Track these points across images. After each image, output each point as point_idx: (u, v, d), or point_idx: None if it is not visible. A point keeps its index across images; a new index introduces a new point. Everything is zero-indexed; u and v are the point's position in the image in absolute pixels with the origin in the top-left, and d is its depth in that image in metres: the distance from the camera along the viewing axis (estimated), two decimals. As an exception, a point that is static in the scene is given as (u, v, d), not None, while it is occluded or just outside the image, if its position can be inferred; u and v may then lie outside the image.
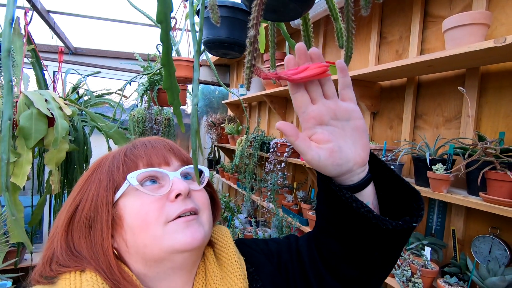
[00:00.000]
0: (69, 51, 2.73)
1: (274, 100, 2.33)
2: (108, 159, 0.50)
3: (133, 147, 0.51)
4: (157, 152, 0.50)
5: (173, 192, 0.45)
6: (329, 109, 0.39)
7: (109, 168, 0.48)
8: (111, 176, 0.47)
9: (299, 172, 2.20)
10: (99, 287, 0.39)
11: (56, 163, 1.55)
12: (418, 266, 1.04)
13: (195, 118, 0.27)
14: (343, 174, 0.40)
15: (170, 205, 0.45)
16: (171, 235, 0.43)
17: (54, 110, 1.47)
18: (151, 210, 0.44)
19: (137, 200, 0.45)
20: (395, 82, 1.47)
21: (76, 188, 0.49)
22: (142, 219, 0.43)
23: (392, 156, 1.21)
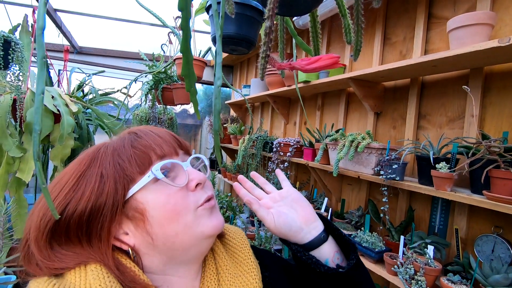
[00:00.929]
0: (75, 50, 2.75)
1: (277, 101, 2.34)
2: (107, 152, 0.46)
3: (137, 137, 0.47)
4: (166, 142, 0.48)
5: (193, 181, 0.46)
6: (270, 198, 0.56)
7: (114, 163, 0.44)
8: (122, 171, 0.43)
9: (302, 172, 2.20)
10: (103, 277, 0.39)
11: (61, 159, 1.57)
12: (421, 264, 1.04)
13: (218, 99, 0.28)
14: (297, 233, 0.50)
15: (193, 194, 0.46)
16: (200, 222, 0.45)
17: (61, 106, 1.48)
18: (178, 200, 0.44)
19: (160, 192, 0.44)
20: (398, 83, 1.48)
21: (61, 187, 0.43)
22: (171, 210, 0.43)
23: (395, 155, 1.21)
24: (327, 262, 0.50)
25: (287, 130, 2.43)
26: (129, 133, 0.49)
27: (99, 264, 0.41)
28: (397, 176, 1.18)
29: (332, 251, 0.51)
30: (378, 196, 1.54)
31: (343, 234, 0.53)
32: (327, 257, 0.50)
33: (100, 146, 0.47)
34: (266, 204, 0.54)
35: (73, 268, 0.41)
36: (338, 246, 0.53)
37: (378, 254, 1.24)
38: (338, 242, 0.53)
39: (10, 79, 1.31)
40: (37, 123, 0.26)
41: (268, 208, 0.53)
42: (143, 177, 0.44)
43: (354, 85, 1.47)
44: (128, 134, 0.49)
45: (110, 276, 0.40)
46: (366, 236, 1.31)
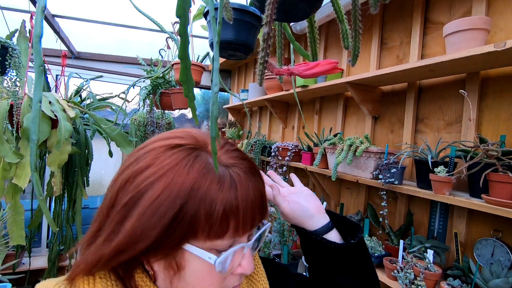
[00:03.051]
0: (72, 55, 2.75)
1: (275, 105, 2.35)
2: (206, 190, 0.36)
3: (235, 197, 0.37)
4: (251, 211, 0.39)
5: (238, 270, 0.41)
6: (286, 191, 0.62)
7: (201, 208, 0.36)
8: (196, 222, 0.36)
9: (300, 176, 2.19)
10: (111, 284, 0.39)
11: (58, 164, 1.55)
12: (421, 268, 1.04)
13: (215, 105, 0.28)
14: (309, 219, 0.56)
15: (230, 277, 0.41)
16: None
17: (58, 112, 1.48)
18: (215, 282, 0.40)
19: (206, 265, 0.38)
20: (396, 87, 1.49)
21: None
22: (202, 286, 0.40)
23: (394, 159, 1.22)
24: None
25: (285, 134, 2.43)
26: (228, 174, 0.39)
27: (107, 271, 0.40)
28: (396, 180, 1.18)
29: (338, 237, 0.57)
30: (377, 200, 1.54)
31: (347, 218, 0.60)
32: (335, 241, 0.55)
33: (209, 173, 0.37)
34: (282, 193, 0.60)
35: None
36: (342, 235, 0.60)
37: (377, 258, 1.24)
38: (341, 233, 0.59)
39: (7, 84, 1.30)
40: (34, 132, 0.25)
41: (284, 197, 0.58)
42: (205, 244, 0.37)
43: (352, 89, 1.48)
44: (226, 173, 0.38)
45: (118, 282, 0.40)
46: (365, 240, 1.30)
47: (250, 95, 2.51)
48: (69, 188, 2.00)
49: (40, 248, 2.62)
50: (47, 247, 2.56)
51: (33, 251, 2.37)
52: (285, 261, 1.76)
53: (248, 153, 2.31)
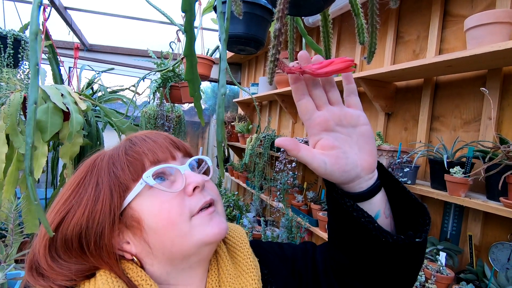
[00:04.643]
0: (85, 48, 2.78)
1: (285, 99, 2.31)
2: (103, 161, 0.45)
3: (132, 144, 0.46)
4: (160, 147, 0.46)
5: (190, 185, 0.43)
6: (334, 115, 0.39)
7: (109, 170, 0.44)
8: (116, 179, 0.43)
9: (309, 172, 2.18)
10: (112, 281, 0.39)
11: (70, 156, 1.58)
12: (433, 271, 1.01)
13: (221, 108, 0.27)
14: (351, 181, 0.39)
15: (190, 199, 0.43)
16: (198, 229, 0.42)
17: (70, 104, 1.49)
18: (172, 207, 0.42)
19: (155, 199, 0.42)
20: (411, 83, 1.44)
21: (60, 197, 0.43)
22: (165, 218, 0.41)
23: (407, 158, 1.18)
24: (378, 216, 0.40)
25: (295, 129, 2.40)
26: (125, 141, 0.48)
27: (107, 270, 0.41)
28: (409, 180, 1.14)
29: (384, 201, 0.41)
30: (388, 199, 1.50)
31: (403, 185, 0.43)
32: (379, 209, 0.40)
33: (97, 155, 0.47)
34: (323, 122, 0.38)
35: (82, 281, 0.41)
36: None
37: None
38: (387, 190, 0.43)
39: (20, 77, 1.32)
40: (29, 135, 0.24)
41: (325, 129, 0.38)
42: (136, 184, 0.42)
43: (365, 85, 1.44)
44: (124, 142, 0.48)
45: (119, 280, 0.40)
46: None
47: (260, 89, 2.48)
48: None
49: (54, 236, 2.69)
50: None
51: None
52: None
53: (257, 147, 2.30)
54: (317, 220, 1.70)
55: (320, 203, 1.81)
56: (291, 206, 1.92)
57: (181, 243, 0.42)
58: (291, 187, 1.95)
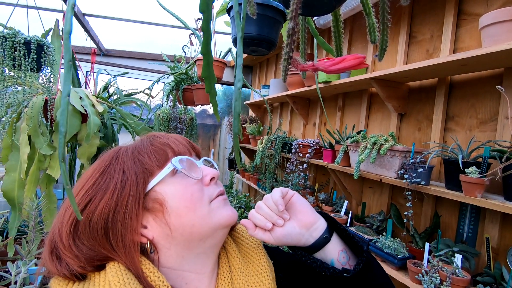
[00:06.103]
0: (101, 53, 2.87)
1: (296, 101, 2.32)
2: (127, 151, 0.49)
3: (156, 137, 0.51)
4: (181, 143, 0.52)
5: (207, 176, 0.49)
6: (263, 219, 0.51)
7: (134, 159, 0.47)
8: (142, 166, 0.46)
9: (321, 173, 2.17)
10: (121, 273, 0.40)
11: (87, 157, 1.63)
12: (448, 273, 0.99)
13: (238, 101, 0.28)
14: (298, 239, 0.50)
15: (207, 188, 0.49)
16: (216, 212, 0.47)
17: (88, 107, 1.55)
18: (195, 192, 0.47)
19: (178, 184, 0.47)
20: (424, 83, 1.42)
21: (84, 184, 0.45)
22: (189, 200, 0.46)
23: (421, 158, 1.16)
24: (332, 263, 0.49)
25: (306, 131, 2.40)
26: (147, 136, 0.53)
27: (117, 262, 0.42)
28: (422, 180, 1.13)
29: (336, 250, 0.50)
30: (401, 200, 1.48)
31: (347, 231, 0.51)
32: (332, 257, 0.49)
33: (120, 147, 0.51)
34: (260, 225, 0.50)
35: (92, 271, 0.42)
36: (346, 243, 0.51)
37: (401, 261, 1.20)
38: (346, 239, 0.51)
39: (42, 80, 1.38)
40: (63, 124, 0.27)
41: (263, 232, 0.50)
42: (161, 170, 0.47)
43: (377, 85, 1.43)
44: (146, 137, 0.53)
45: (128, 273, 0.41)
46: (388, 241, 1.27)
47: (271, 91, 2.50)
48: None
49: (70, 235, 2.77)
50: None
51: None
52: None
53: (268, 149, 2.31)
54: (329, 221, 1.69)
55: (331, 205, 1.80)
56: (303, 208, 1.91)
57: (200, 225, 0.45)
58: (302, 188, 1.95)
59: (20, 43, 1.10)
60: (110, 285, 0.39)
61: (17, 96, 1.30)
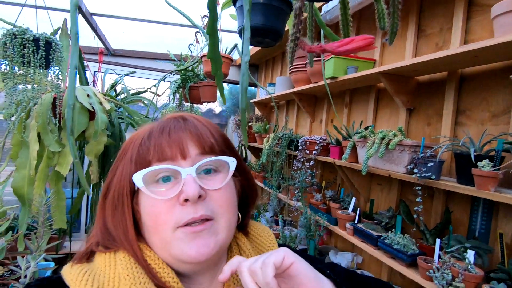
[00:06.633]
0: (108, 52, 2.90)
1: (303, 98, 2.30)
2: (132, 142, 0.46)
3: (148, 136, 0.45)
4: (173, 142, 0.43)
5: (181, 195, 0.41)
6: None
7: (126, 159, 0.45)
8: (129, 168, 0.44)
9: (328, 171, 2.15)
10: (131, 267, 0.39)
11: (95, 154, 1.65)
12: (460, 269, 0.97)
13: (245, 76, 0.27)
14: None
15: (180, 209, 0.41)
16: (177, 244, 0.40)
17: (95, 104, 1.56)
18: (161, 212, 0.41)
19: (148, 199, 0.42)
20: (434, 76, 1.39)
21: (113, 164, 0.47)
22: (153, 221, 0.42)
23: (431, 152, 1.14)
24: None
25: (312, 128, 2.38)
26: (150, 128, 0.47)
27: (127, 254, 0.41)
28: (433, 175, 1.11)
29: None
30: (411, 196, 1.46)
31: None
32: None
33: (135, 134, 0.48)
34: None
35: (104, 253, 0.42)
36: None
37: (410, 257, 1.17)
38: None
39: (50, 78, 1.40)
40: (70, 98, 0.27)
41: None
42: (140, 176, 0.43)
43: (385, 80, 1.41)
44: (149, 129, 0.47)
45: (138, 267, 0.40)
46: (397, 238, 1.24)
47: (277, 88, 2.49)
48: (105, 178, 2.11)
49: (79, 233, 2.81)
50: (85, 233, 2.75)
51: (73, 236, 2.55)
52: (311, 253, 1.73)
53: (275, 147, 2.30)
54: (336, 218, 1.68)
55: (339, 202, 1.78)
56: (310, 205, 1.90)
57: (162, 250, 0.42)
58: (309, 185, 1.93)
59: (29, 40, 1.11)
60: (120, 278, 0.38)
61: (26, 94, 1.31)
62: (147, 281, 0.38)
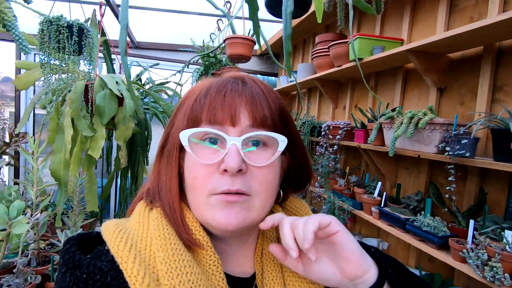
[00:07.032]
0: (133, 45, 2.99)
1: (325, 84, 2.26)
2: (189, 96, 0.46)
3: (205, 93, 0.43)
4: (226, 106, 0.41)
5: (222, 164, 0.40)
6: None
7: (182, 112, 0.45)
8: (181, 122, 0.44)
9: (352, 157, 2.11)
10: (163, 228, 0.40)
11: (124, 139, 1.72)
12: (497, 249, 0.92)
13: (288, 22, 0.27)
14: (336, 286, 0.42)
15: (218, 178, 0.40)
16: (209, 209, 0.41)
17: (123, 91, 1.62)
18: (200, 175, 0.41)
19: (192, 158, 0.42)
20: (468, 52, 1.32)
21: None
22: (192, 180, 0.42)
23: (465, 129, 1.09)
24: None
25: (335, 115, 2.34)
26: (210, 83, 0.45)
27: (160, 215, 0.42)
28: (467, 152, 1.05)
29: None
30: (441, 179, 1.40)
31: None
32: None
33: (198, 84, 0.47)
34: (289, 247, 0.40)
35: (139, 212, 0.44)
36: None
37: (441, 239, 1.13)
38: None
39: (84, 65, 1.46)
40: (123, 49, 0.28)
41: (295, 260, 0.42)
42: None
43: (415, 58, 1.35)
44: (209, 84, 0.45)
45: (169, 228, 0.40)
46: (427, 220, 1.20)
47: (299, 76, 2.46)
48: (132, 166, 2.20)
49: (109, 219, 2.95)
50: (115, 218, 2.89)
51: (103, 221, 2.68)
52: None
53: (297, 134, 2.28)
54: (361, 203, 1.65)
55: (364, 187, 1.74)
56: (333, 191, 1.87)
57: (198, 211, 0.42)
58: (332, 170, 1.91)
59: (63, 26, 1.17)
60: (152, 238, 0.39)
61: (61, 82, 1.39)
62: (177, 242, 0.39)
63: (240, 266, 0.47)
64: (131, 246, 0.37)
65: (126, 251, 0.36)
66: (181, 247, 0.38)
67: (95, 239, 0.42)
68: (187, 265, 0.36)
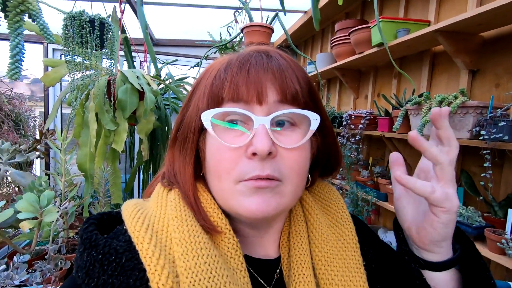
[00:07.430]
0: (153, 42, 3.04)
1: (346, 73, 2.20)
2: (207, 73, 0.42)
3: (225, 68, 0.39)
4: (251, 82, 0.37)
5: (250, 147, 0.36)
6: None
7: (199, 91, 0.41)
8: (201, 102, 0.40)
9: (375, 148, 2.03)
10: (180, 209, 0.38)
11: (146, 132, 1.75)
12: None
13: None
14: (427, 248, 0.42)
15: (246, 162, 0.37)
16: (237, 197, 0.37)
17: (144, 85, 1.65)
18: (225, 160, 0.37)
19: (215, 141, 0.38)
20: (503, 30, 1.22)
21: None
22: (216, 165, 0.39)
23: (502, 111, 1.01)
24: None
25: (357, 105, 2.27)
26: (230, 56, 0.41)
27: (178, 196, 0.40)
28: (505, 136, 0.98)
29: (449, 283, 0.43)
30: (474, 168, 1.31)
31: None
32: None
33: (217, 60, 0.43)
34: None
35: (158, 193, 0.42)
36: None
37: (476, 230, 1.06)
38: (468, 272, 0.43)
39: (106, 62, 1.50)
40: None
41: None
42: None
43: (444, 39, 1.27)
44: (230, 57, 0.41)
45: (187, 209, 0.39)
46: (460, 209, 1.13)
47: (318, 66, 2.40)
48: (154, 160, 2.24)
49: (133, 212, 3.04)
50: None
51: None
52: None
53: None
54: (386, 194, 1.58)
55: (388, 178, 1.68)
56: (355, 182, 1.82)
57: (223, 198, 0.39)
58: (355, 161, 1.85)
59: (86, 21, 1.20)
60: (169, 220, 0.38)
61: (85, 79, 1.43)
62: (194, 224, 0.37)
63: (265, 249, 0.45)
64: (147, 227, 0.36)
65: (143, 232, 0.35)
66: (198, 229, 0.37)
67: (115, 218, 0.41)
68: (203, 247, 0.35)
